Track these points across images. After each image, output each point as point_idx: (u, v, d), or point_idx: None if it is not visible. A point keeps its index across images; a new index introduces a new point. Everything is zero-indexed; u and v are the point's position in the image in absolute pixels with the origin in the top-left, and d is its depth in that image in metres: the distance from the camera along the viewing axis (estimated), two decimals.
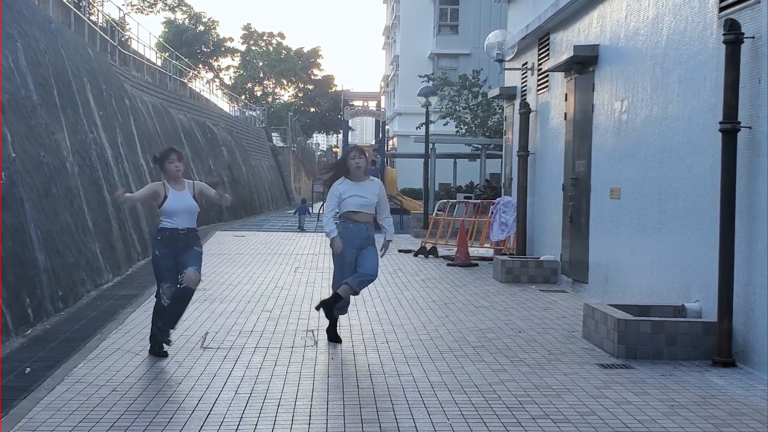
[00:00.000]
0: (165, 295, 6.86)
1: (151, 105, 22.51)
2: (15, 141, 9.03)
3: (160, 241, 6.85)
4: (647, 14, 8.83)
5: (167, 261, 6.81)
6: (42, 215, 9.32)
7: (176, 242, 6.82)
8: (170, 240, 6.81)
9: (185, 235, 6.86)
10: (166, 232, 6.82)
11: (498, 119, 26.32)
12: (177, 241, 6.81)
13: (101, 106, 14.42)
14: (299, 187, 57.55)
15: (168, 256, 6.81)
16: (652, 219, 8.52)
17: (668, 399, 5.70)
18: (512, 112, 15.08)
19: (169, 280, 6.84)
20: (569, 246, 11.39)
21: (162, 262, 6.83)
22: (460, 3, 41.28)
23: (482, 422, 5.11)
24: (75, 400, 5.56)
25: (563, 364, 6.72)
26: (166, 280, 6.85)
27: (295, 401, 5.57)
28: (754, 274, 6.52)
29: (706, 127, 7.35)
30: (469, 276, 12.66)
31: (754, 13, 6.65)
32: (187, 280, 6.76)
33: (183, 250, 6.84)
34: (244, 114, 53.96)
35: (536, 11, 12.98)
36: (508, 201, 14.48)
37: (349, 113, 25.09)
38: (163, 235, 6.84)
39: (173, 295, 6.85)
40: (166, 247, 6.81)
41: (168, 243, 6.81)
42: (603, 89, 10.19)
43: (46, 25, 12.36)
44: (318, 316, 8.83)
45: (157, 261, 6.86)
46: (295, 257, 15.13)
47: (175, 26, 60.94)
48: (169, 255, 6.81)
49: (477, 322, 8.59)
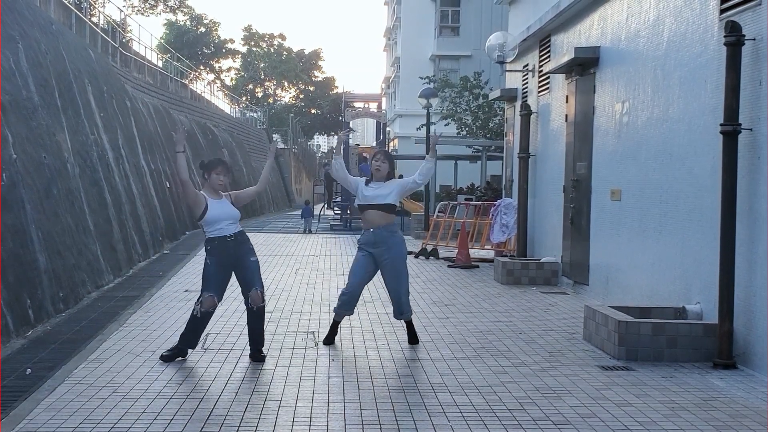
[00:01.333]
0: (203, 304, 6.73)
1: (152, 106, 22.52)
2: (16, 142, 9.03)
3: (210, 251, 6.78)
4: (648, 16, 8.84)
5: (216, 269, 6.75)
6: (43, 216, 9.33)
7: (227, 250, 6.75)
8: (220, 248, 6.74)
9: (234, 241, 6.78)
10: (215, 241, 6.76)
11: (499, 121, 26.31)
12: (227, 248, 6.75)
13: (102, 107, 14.42)
14: (300, 189, 57.54)
15: (218, 264, 6.74)
16: (652, 221, 8.52)
17: (669, 401, 5.70)
18: (513, 113, 15.08)
19: (213, 289, 6.75)
20: (570, 248, 11.39)
21: (210, 270, 6.75)
22: (461, 5, 41.29)
23: (483, 424, 5.11)
24: (75, 401, 5.56)
25: (564, 366, 6.72)
26: (210, 289, 6.75)
27: (295, 403, 5.57)
28: (754, 276, 6.52)
29: (706, 129, 7.35)
30: (470, 278, 12.66)
31: (755, 15, 6.66)
32: (253, 302, 6.80)
33: (238, 260, 6.78)
34: (245, 115, 53.96)
35: (537, 13, 12.99)
36: (508, 203, 14.48)
37: (350, 115, 25.07)
38: (212, 245, 6.77)
39: (249, 317, 6.85)
40: (217, 255, 6.75)
41: (218, 251, 6.74)
42: (604, 91, 10.19)
43: (47, 26, 12.37)
44: (319, 318, 8.84)
45: (206, 268, 6.78)
46: (296, 259, 15.13)
47: (176, 28, 60.97)
48: (219, 263, 6.74)
49: (478, 324, 8.59)
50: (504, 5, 16.90)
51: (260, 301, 6.84)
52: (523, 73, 14.33)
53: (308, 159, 66.21)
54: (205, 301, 6.75)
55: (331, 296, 10.44)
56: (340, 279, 12.14)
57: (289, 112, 64.80)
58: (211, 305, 6.77)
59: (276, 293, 10.66)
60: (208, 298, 6.75)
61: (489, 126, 27.43)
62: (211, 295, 6.76)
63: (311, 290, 10.98)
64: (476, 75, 28.90)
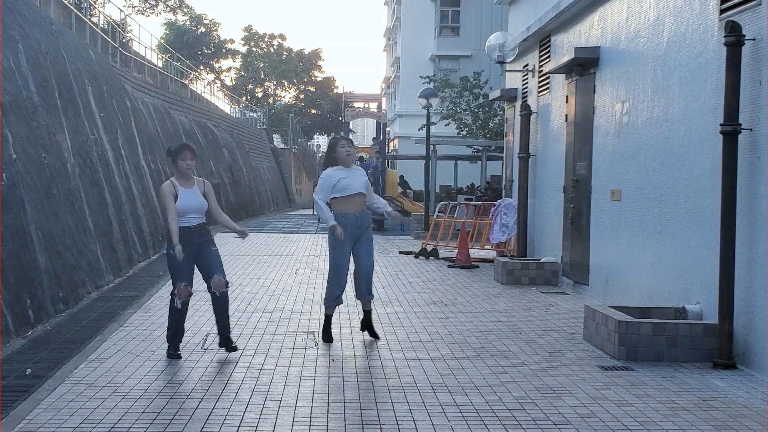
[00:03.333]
0: (180, 295, 6.88)
1: (152, 106, 22.52)
2: (16, 142, 9.03)
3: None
4: (648, 16, 8.84)
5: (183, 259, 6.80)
6: (43, 216, 9.33)
7: (190, 240, 6.87)
8: (184, 238, 6.82)
9: (198, 232, 6.94)
10: (182, 230, 6.83)
11: (499, 121, 26.32)
12: (191, 238, 6.88)
13: (102, 107, 14.42)
14: (300, 189, 57.55)
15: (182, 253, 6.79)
16: (652, 221, 8.52)
17: (669, 401, 5.70)
18: (513, 113, 15.08)
19: (184, 278, 6.89)
20: (570, 248, 11.39)
21: (176, 261, 6.81)
22: (461, 5, 41.30)
23: (483, 424, 5.11)
24: (76, 401, 5.56)
25: (564, 366, 6.72)
26: (181, 278, 6.88)
27: (295, 403, 5.57)
28: (754, 276, 6.52)
29: (706, 129, 7.35)
30: (470, 278, 12.66)
31: (755, 15, 6.66)
32: (216, 287, 6.90)
33: (199, 250, 6.92)
34: (245, 115, 53.95)
35: (537, 13, 12.99)
36: (508, 203, 14.48)
37: (350, 115, 25.07)
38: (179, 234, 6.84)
39: (213, 304, 6.99)
40: (181, 245, 6.80)
41: (182, 242, 6.80)
42: (604, 91, 10.19)
43: (47, 26, 12.36)
44: (319, 318, 8.83)
45: (171, 259, 6.85)
46: (296, 259, 15.13)
47: (176, 28, 60.92)
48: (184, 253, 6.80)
49: (478, 324, 8.59)
50: (504, 5, 16.91)
51: (223, 286, 6.93)
52: (523, 73, 14.33)
53: (308, 159, 66.21)
54: (180, 291, 6.89)
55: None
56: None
57: (289, 112, 64.79)
58: (187, 294, 6.92)
59: (276, 293, 10.66)
60: (183, 288, 6.89)
61: (489, 126, 27.43)
62: (185, 284, 6.90)
63: (311, 290, 10.98)
64: (476, 75, 28.89)
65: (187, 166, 6.98)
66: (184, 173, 7.00)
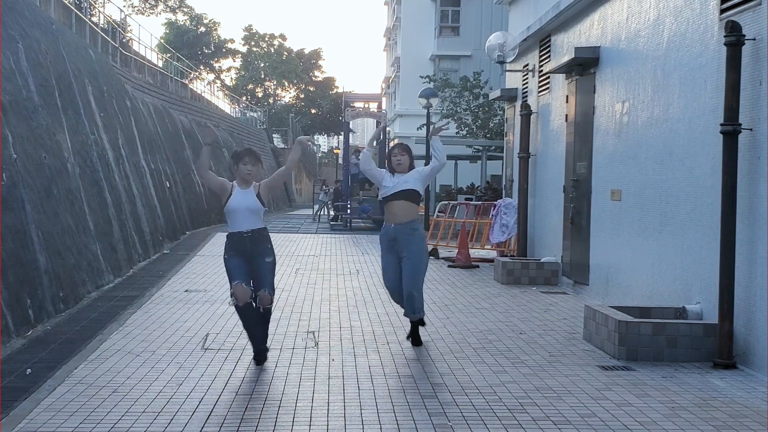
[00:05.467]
0: (236, 294, 6.64)
1: (152, 106, 22.52)
2: (16, 142, 9.03)
3: (228, 245, 6.80)
4: (648, 16, 8.84)
5: (235, 260, 6.72)
6: (43, 216, 9.33)
7: (242, 245, 6.72)
8: (236, 244, 6.73)
9: (251, 238, 6.74)
10: (234, 236, 6.77)
11: (499, 121, 26.32)
12: (243, 243, 6.72)
13: (102, 107, 14.42)
14: (300, 189, 57.55)
15: (236, 256, 6.72)
16: (653, 221, 8.52)
17: (669, 401, 5.70)
18: (513, 113, 15.08)
19: (239, 276, 6.67)
20: (570, 248, 11.39)
21: (231, 262, 6.73)
22: (461, 5, 41.28)
23: (483, 424, 5.11)
24: (76, 401, 5.56)
25: (564, 366, 6.72)
26: (234, 276, 6.70)
27: (295, 403, 5.57)
28: (755, 276, 6.52)
29: (707, 128, 7.35)
30: (470, 278, 12.66)
31: (755, 15, 6.66)
32: (261, 302, 6.73)
33: (252, 258, 6.73)
34: (245, 115, 53.96)
35: (537, 13, 12.99)
36: (509, 203, 14.48)
37: (350, 115, 25.07)
38: (230, 240, 6.79)
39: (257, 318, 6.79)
40: (234, 250, 6.75)
41: (234, 247, 6.74)
42: (604, 91, 10.19)
43: (47, 26, 12.36)
44: (319, 318, 8.84)
45: (226, 262, 6.77)
46: (296, 259, 15.13)
47: (176, 27, 60.97)
48: (237, 255, 6.72)
49: (478, 324, 8.59)
50: (504, 5, 16.90)
51: (268, 302, 6.80)
52: (523, 73, 14.32)
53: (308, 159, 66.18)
54: (235, 290, 6.65)
55: (330, 296, 10.44)
56: (340, 279, 12.15)
57: (290, 112, 64.81)
58: (242, 292, 6.63)
59: (276, 293, 10.63)
60: (237, 285, 6.64)
61: (489, 126, 27.44)
62: (239, 282, 6.65)
63: (311, 290, 10.98)
64: (476, 75, 28.90)
65: (247, 172, 6.80)
66: (244, 178, 6.83)
